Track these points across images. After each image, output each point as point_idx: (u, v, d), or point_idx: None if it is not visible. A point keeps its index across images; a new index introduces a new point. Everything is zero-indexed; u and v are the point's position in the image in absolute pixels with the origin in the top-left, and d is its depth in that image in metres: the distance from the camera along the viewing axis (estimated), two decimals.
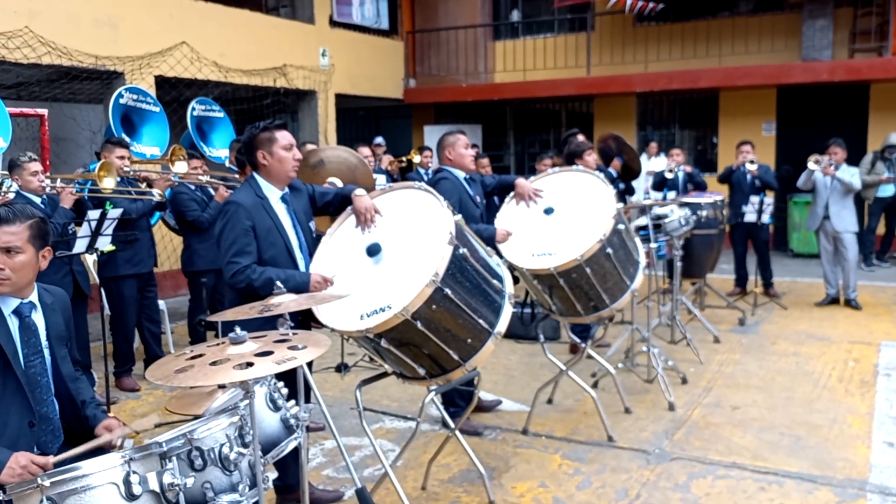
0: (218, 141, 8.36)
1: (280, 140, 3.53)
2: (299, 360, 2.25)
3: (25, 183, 5.12)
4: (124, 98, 7.38)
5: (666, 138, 13.37)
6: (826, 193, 7.93)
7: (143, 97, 7.61)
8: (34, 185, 5.12)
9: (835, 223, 7.89)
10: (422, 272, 3.11)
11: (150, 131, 7.67)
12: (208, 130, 8.43)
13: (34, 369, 2.61)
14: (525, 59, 13.51)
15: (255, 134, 3.54)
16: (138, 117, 7.59)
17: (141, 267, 5.84)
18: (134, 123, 7.57)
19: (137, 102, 7.56)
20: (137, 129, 7.57)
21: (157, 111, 7.70)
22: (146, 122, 7.65)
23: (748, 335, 7.04)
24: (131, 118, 7.55)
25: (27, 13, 7.69)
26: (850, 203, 7.93)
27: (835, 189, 7.86)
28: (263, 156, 3.52)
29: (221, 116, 8.58)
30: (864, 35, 11.75)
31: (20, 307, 2.60)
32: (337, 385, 5.85)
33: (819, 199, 8.01)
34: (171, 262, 8.77)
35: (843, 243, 7.88)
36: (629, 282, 4.55)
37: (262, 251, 3.46)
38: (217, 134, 8.45)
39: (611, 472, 4.17)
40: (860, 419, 4.87)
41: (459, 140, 4.71)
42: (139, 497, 2.03)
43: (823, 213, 7.96)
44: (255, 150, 3.53)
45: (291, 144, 3.57)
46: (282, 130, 3.56)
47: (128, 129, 7.41)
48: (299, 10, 11.81)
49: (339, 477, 4.18)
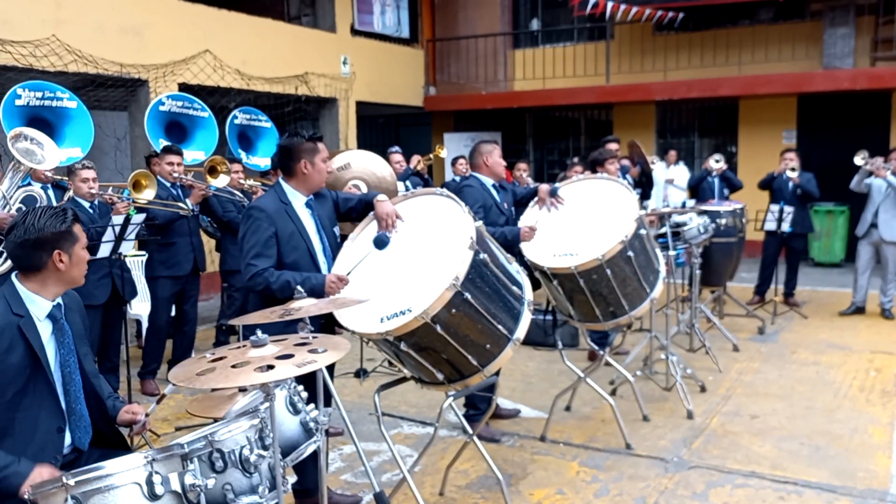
0: (263, 149, 8.40)
1: (322, 152, 3.67)
2: (319, 364, 2.28)
3: (76, 189, 5.39)
4: (165, 105, 7.38)
5: (685, 147, 13.33)
6: (879, 199, 7.70)
7: (190, 103, 7.63)
8: (84, 191, 5.38)
9: (882, 231, 7.68)
10: (442, 276, 3.14)
11: (201, 137, 7.65)
12: (254, 138, 8.48)
13: (69, 368, 2.67)
14: (545, 68, 13.53)
15: (300, 143, 3.62)
16: (189, 122, 7.60)
17: (176, 270, 5.93)
18: (185, 128, 7.57)
19: (184, 109, 7.58)
20: (189, 134, 7.56)
21: (206, 116, 7.71)
22: (197, 128, 7.64)
23: (768, 344, 6.99)
24: (182, 123, 7.56)
25: (54, 22, 7.83)
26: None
27: (889, 196, 7.64)
28: (306, 164, 3.61)
29: (269, 126, 8.62)
30: (886, 43, 11.64)
31: (54, 311, 2.65)
32: (356, 390, 5.88)
33: (870, 205, 7.80)
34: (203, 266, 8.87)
35: (887, 252, 7.71)
36: (649, 290, 4.55)
37: (284, 255, 3.51)
38: (263, 142, 8.49)
39: (628, 480, 4.16)
40: (881, 429, 4.83)
41: (496, 150, 4.89)
42: (161, 497, 2.06)
43: (872, 219, 7.77)
44: (299, 158, 3.61)
45: (326, 157, 3.72)
46: (321, 143, 3.70)
47: (179, 135, 7.42)
48: (321, 19, 11.92)
49: (357, 482, 4.21)
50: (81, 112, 6.61)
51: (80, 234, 2.65)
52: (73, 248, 2.62)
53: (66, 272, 2.62)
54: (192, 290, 6.16)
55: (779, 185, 8.29)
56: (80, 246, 2.65)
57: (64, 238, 2.59)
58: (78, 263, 2.65)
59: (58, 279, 2.63)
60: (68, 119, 6.55)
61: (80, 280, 2.69)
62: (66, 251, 2.60)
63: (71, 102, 6.58)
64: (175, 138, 7.22)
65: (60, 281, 2.64)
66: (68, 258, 2.61)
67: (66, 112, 6.54)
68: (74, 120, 6.58)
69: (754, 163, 12.01)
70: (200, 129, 7.61)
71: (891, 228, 7.68)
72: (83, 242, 2.67)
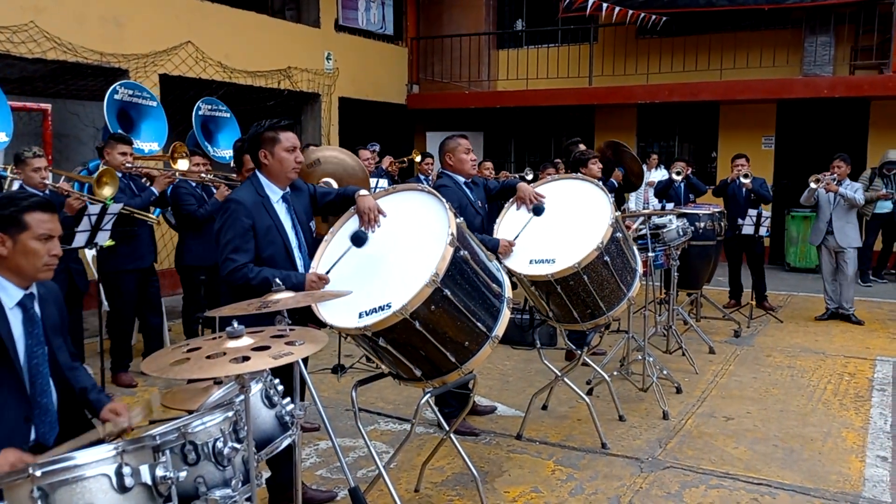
0: (224, 141, 8.35)
1: (283, 141, 3.54)
2: (296, 356, 2.26)
3: (28, 178, 5.16)
4: (119, 94, 7.33)
5: (665, 150, 13.41)
6: (829, 209, 7.93)
7: (140, 92, 7.57)
8: (36, 181, 5.16)
9: (838, 238, 7.88)
10: (422, 272, 3.12)
11: (149, 127, 7.62)
12: (214, 130, 8.43)
13: (37, 360, 2.60)
14: (528, 69, 13.55)
15: (259, 132, 3.56)
16: (136, 112, 7.55)
17: (141, 262, 5.86)
18: (132, 119, 7.52)
19: (133, 98, 7.52)
20: (136, 125, 7.53)
21: (154, 106, 7.66)
22: (144, 118, 7.60)
23: (743, 347, 7.05)
24: (129, 114, 7.51)
25: (33, 8, 7.72)
26: (853, 218, 7.94)
27: (838, 205, 7.86)
28: (265, 155, 3.53)
29: (228, 117, 8.57)
30: (865, 52, 11.80)
31: (24, 299, 2.59)
32: (333, 386, 5.85)
33: (822, 215, 8.01)
34: (170, 261, 8.76)
35: (845, 258, 7.89)
36: (626, 290, 4.55)
37: (260, 250, 3.47)
38: (223, 134, 8.44)
39: (603, 479, 4.17)
40: (854, 433, 4.88)
41: (460, 145, 4.74)
42: (131, 489, 2.01)
43: (826, 228, 7.95)
44: (258, 148, 3.54)
45: (294, 146, 3.58)
46: (286, 132, 3.57)
47: (126, 125, 7.37)
48: (305, 14, 11.86)
49: (332, 478, 4.18)
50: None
51: (32, 224, 2.53)
52: (18, 235, 2.52)
53: (9, 258, 2.52)
54: (150, 281, 6.08)
55: (732, 191, 8.45)
56: (29, 235, 2.53)
57: (6, 223, 2.51)
58: (26, 253, 2.53)
59: (4, 265, 2.54)
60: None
61: (30, 271, 2.57)
62: (12, 237, 2.51)
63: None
64: (124, 128, 7.16)
65: (6, 268, 2.55)
66: (12, 245, 2.51)
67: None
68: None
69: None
70: (148, 120, 7.57)
71: (845, 235, 7.88)
72: (36, 233, 2.54)
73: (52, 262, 2.60)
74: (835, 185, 7.82)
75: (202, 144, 7.89)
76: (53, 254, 2.59)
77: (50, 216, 2.59)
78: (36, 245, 2.55)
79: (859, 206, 7.90)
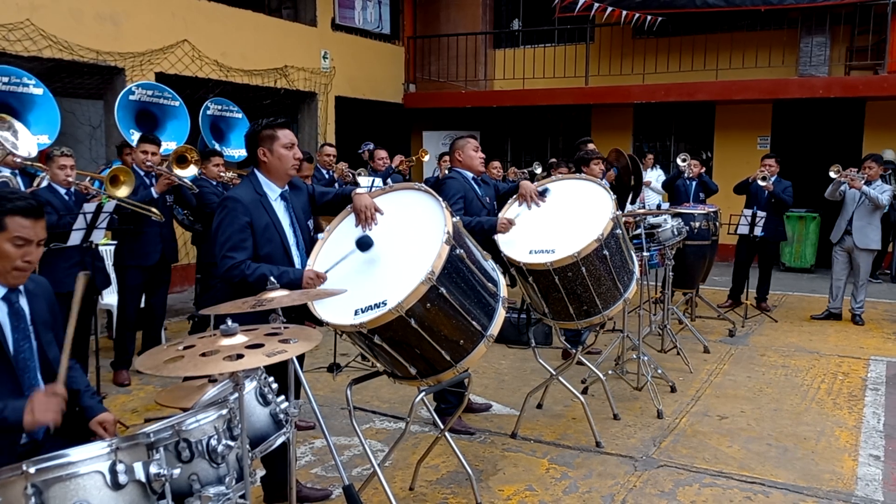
0: (236, 140, 8.33)
1: (281, 138, 3.57)
2: (290, 353, 2.26)
3: (53, 175, 5.33)
4: (136, 94, 7.28)
5: (661, 150, 13.44)
6: (852, 207, 7.85)
7: (161, 92, 7.53)
8: (60, 178, 5.33)
9: (856, 238, 7.82)
10: (418, 270, 3.13)
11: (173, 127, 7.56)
12: (226, 130, 8.40)
13: (24, 354, 2.62)
14: (525, 68, 13.56)
15: (257, 130, 3.58)
16: (160, 112, 7.50)
17: (144, 260, 5.89)
18: (157, 118, 7.47)
19: (154, 98, 7.49)
20: (161, 124, 7.47)
21: (177, 105, 7.61)
22: (168, 118, 7.55)
23: (738, 346, 7.07)
24: (154, 113, 7.46)
25: (29, 6, 7.71)
26: (876, 220, 7.85)
27: (862, 204, 7.78)
28: (264, 152, 3.55)
29: (240, 117, 8.54)
30: (860, 53, 11.83)
31: (8, 294, 2.60)
32: (328, 385, 5.86)
33: (844, 213, 7.94)
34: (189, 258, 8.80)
35: (859, 259, 7.85)
36: (622, 290, 4.57)
37: (258, 247, 3.48)
38: (235, 133, 8.42)
39: (598, 478, 4.18)
40: (848, 432, 4.90)
41: (469, 143, 4.91)
42: (125, 486, 2.02)
43: (846, 226, 7.90)
44: (257, 145, 3.56)
45: (292, 143, 3.61)
46: (284, 129, 3.60)
47: (150, 126, 7.33)
48: (301, 12, 11.85)
49: (327, 476, 4.19)
50: (47, 99, 6.54)
51: (10, 227, 2.51)
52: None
53: None
54: (160, 280, 6.10)
55: (755, 190, 8.40)
56: (4, 237, 2.51)
57: None
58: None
59: None
60: (34, 105, 6.48)
61: None
62: None
63: (37, 89, 6.51)
64: (146, 128, 7.13)
65: None
66: None
67: (32, 98, 6.48)
68: (40, 106, 6.51)
69: (729, 167, 12.17)
70: (172, 119, 7.53)
71: (864, 236, 7.82)
72: (11, 236, 2.51)
73: (24, 267, 2.58)
74: (860, 182, 7.69)
75: (210, 144, 7.87)
76: (27, 259, 2.57)
77: (32, 222, 2.56)
78: (8, 248, 2.53)
79: (883, 207, 7.79)
